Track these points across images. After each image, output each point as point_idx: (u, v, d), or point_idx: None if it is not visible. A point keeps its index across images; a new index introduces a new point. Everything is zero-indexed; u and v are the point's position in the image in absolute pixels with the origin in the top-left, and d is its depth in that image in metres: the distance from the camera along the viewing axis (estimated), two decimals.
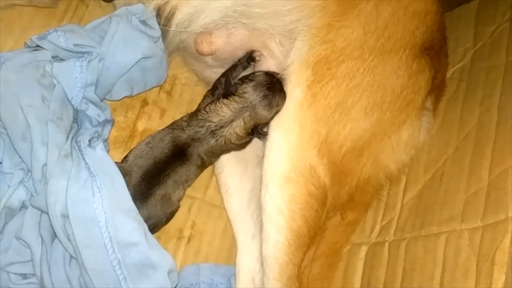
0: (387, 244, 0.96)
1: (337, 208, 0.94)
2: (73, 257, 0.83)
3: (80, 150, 0.86)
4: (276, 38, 0.92)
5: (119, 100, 1.03)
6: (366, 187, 0.94)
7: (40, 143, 0.84)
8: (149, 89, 1.06)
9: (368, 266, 0.98)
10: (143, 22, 0.98)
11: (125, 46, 0.96)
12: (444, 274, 0.81)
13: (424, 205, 0.93)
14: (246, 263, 1.00)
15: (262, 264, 0.90)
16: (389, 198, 1.02)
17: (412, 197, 0.97)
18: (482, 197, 0.81)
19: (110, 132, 0.99)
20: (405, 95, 0.89)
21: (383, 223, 1.01)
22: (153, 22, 0.98)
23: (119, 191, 0.85)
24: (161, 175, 0.92)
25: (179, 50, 1.04)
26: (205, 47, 0.96)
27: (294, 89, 0.87)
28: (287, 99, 0.88)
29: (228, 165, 1.05)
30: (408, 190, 0.99)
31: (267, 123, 0.94)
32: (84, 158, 0.85)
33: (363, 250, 1.01)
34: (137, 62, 0.97)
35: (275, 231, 0.87)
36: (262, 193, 0.88)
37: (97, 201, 0.81)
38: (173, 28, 0.95)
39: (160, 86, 1.08)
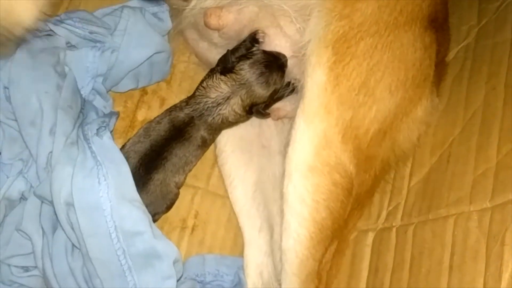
0: (394, 229, 0.94)
1: (362, 197, 0.91)
2: (76, 247, 0.83)
3: (86, 139, 0.85)
4: (291, 14, 0.88)
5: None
6: (382, 171, 0.92)
7: (49, 130, 0.83)
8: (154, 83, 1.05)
9: (376, 253, 0.96)
10: (155, 15, 0.97)
11: (139, 40, 0.96)
12: (453, 257, 0.79)
13: (431, 188, 0.91)
14: (254, 257, 0.98)
15: (280, 259, 0.87)
16: (395, 183, 1.00)
17: (418, 180, 0.95)
18: (490, 178, 0.79)
19: (115, 124, 0.99)
20: (423, 69, 0.85)
21: (390, 208, 0.99)
22: (165, 15, 0.98)
23: (124, 181, 0.85)
24: (159, 158, 0.91)
25: (188, 27, 1.01)
26: (213, 20, 0.94)
27: (315, 71, 0.83)
28: (309, 83, 0.83)
29: (232, 156, 1.04)
30: (414, 173, 0.97)
31: (265, 102, 0.92)
32: (90, 147, 0.84)
33: (370, 236, 0.99)
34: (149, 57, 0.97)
35: (297, 223, 0.83)
36: (284, 183, 0.84)
37: (103, 189, 0.81)
38: (192, 4, 0.93)
39: None
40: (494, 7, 0.97)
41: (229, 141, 1.04)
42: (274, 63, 0.92)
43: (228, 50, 0.95)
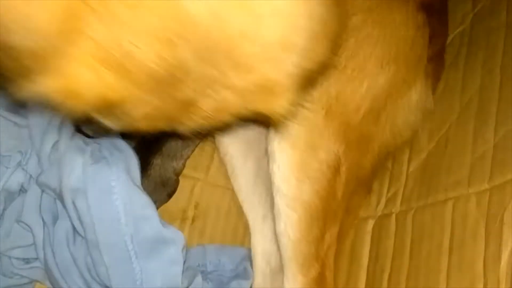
0: (394, 215, 0.95)
1: (361, 180, 0.89)
2: (80, 235, 0.82)
3: None
4: None
5: None
6: (381, 155, 0.90)
7: (59, 122, 0.83)
8: None
9: (376, 239, 0.96)
10: None
11: None
12: (453, 239, 0.79)
13: (430, 173, 0.92)
14: (260, 244, 0.97)
15: (278, 244, 0.86)
16: (393, 170, 1.00)
17: (417, 166, 0.96)
18: (488, 159, 0.79)
19: None
20: (415, 49, 0.84)
21: (389, 195, 0.99)
22: None
23: (133, 168, 0.85)
24: (155, 142, 0.91)
25: None
26: None
27: None
28: None
29: (232, 146, 1.03)
30: (413, 160, 0.97)
31: None
32: None
33: (370, 223, 0.99)
34: None
35: (284, 204, 0.82)
36: (269, 164, 0.83)
37: (114, 174, 0.81)
38: None
39: None
40: None
41: None
42: None
43: None
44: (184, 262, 0.88)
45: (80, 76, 0.49)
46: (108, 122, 0.58)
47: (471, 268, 0.73)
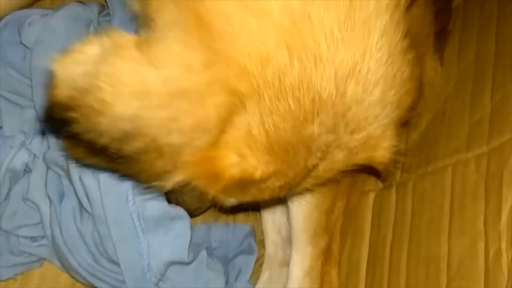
0: (394, 187, 0.96)
1: None
2: (87, 212, 0.83)
3: None
4: None
5: None
6: None
7: None
8: None
9: (377, 211, 0.98)
10: None
11: None
12: (453, 203, 0.81)
13: (428, 143, 0.93)
14: (270, 216, 0.98)
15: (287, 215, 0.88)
16: None
17: (415, 138, 0.97)
18: (486, 124, 0.81)
19: None
20: (425, 24, 0.87)
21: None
22: None
23: None
24: None
25: None
26: None
27: None
28: None
29: None
30: (411, 132, 0.98)
31: None
32: None
33: (371, 197, 1.00)
34: None
35: None
36: None
37: None
38: None
39: None
40: None
41: None
42: None
43: None
44: (190, 237, 0.90)
45: (227, 160, 0.54)
46: (231, 200, 0.63)
47: (472, 228, 0.75)
